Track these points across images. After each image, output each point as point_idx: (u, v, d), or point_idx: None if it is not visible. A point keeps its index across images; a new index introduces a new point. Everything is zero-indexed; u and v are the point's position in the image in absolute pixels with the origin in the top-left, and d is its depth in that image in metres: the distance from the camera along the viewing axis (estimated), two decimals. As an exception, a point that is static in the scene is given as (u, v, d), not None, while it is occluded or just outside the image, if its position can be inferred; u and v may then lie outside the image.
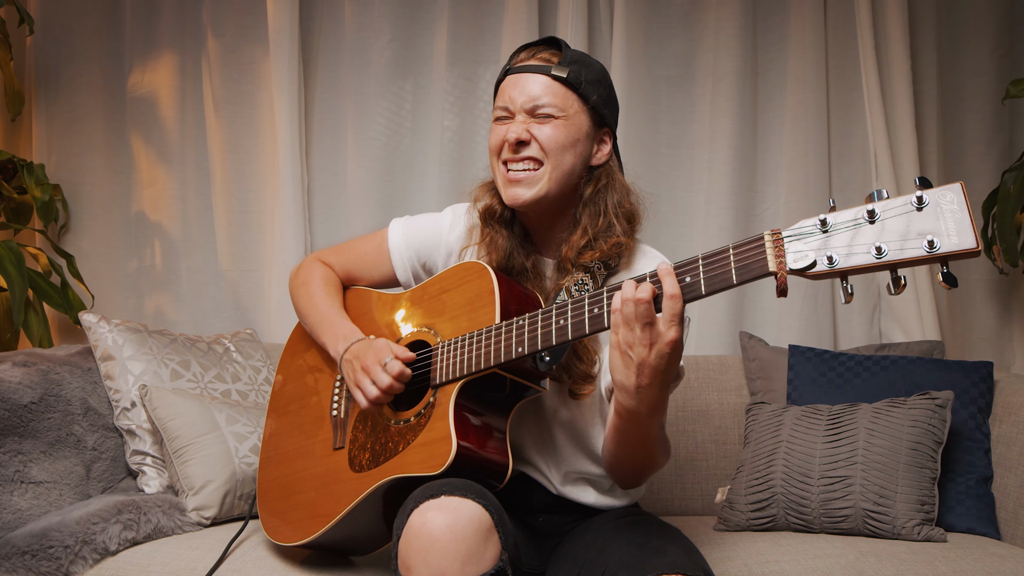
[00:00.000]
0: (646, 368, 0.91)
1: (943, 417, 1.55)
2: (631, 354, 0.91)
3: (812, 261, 0.81)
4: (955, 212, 0.75)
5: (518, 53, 1.26)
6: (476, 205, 1.30)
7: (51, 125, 2.27)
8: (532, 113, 1.20)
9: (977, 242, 0.74)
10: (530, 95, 1.20)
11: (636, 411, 0.96)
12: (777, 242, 0.84)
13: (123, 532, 1.40)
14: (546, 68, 1.20)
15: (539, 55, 1.24)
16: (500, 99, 1.24)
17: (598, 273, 1.21)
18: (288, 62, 2.17)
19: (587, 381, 1.19)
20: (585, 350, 1.19)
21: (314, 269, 1.41)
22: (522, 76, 1.22)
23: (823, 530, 1.52)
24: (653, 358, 0.90)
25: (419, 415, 1.14)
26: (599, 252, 1.19)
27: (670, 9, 2.23)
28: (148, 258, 2.31)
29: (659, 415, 0.99)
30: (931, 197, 0.77)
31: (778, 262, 0.83)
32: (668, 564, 0.97)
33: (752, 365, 1.90)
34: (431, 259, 1.36)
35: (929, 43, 2.17)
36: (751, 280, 0.86)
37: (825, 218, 0.82)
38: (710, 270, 0.88)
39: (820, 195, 2.15)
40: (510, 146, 1.20)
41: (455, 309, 1.19)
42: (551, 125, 1.19)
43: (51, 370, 1.63)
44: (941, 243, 0.75)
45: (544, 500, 1.25)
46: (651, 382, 0.92)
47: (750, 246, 0.86)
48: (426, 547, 0.91)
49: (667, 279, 0.89)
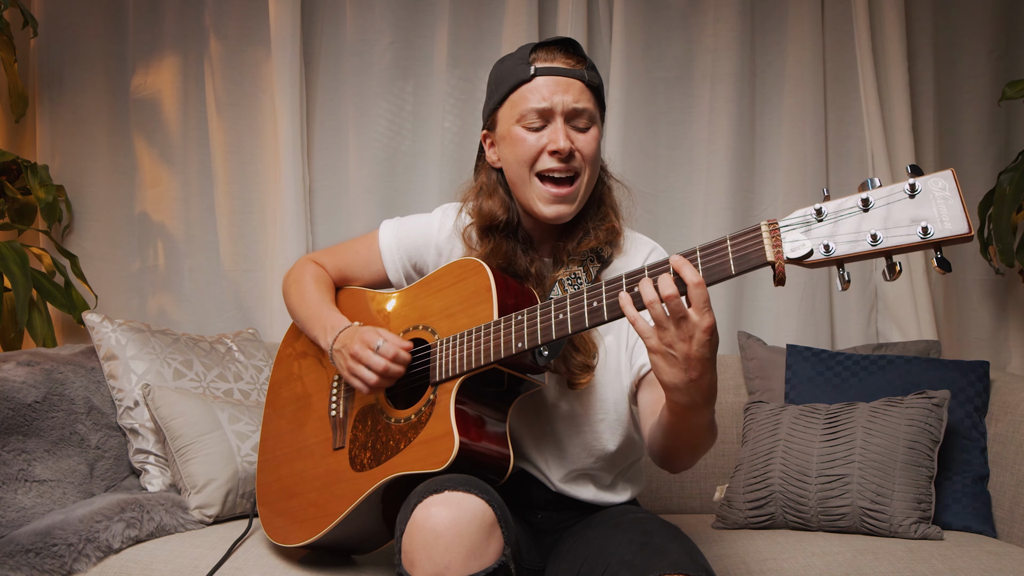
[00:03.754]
0: (692, 361, 0.90)
1: (940, 416, 1.56)
2: (674, 352, 0.91)
3: (809, 250, 0.82)
4: (947, 198, 0.76)
5: (534, 52, 1.18)
6: (466, 206, 1.28)
7: (55, 126, 2.29)
8: (570, 118, 1.15)
9: (970, 227, 0.75)
10: (573, 97, 1.15)
11: (693, 404, 0.95)
12: (774, 232, 0.84)
13: (126, 530, 1.41)
14: (580, 73, 1.16)
15: (561, 58, 1.18)
16: (531, 101, 1.16)
17: (591, 266, 1.20)
18: (290, 64, 2.18)
19: (585, 371, 1.18)
20: (583, 340, 1.18)
21: (306, 269, 1.40)
22: (559, 79, 1.15)
23: (821, 528, 1.53)
24: (696, 349, 0.90)
25: (419, 412, 1.14)
26: (594, 240, 1.20)
27: (669, 11, 2.24)
28: (151, 258, 2.32)
29: (713, 400, 0.98)
30: (923, 184, 0.78)
31: (775, 251, 0.84)
32: (670, 564, 0.96)
33: (750, 364, 1.91)
34: (422, 260, 1.35)
35: (926, 45, 2.18)
36: (749, 270, 0.86)
37: (820, 207, 0.82)
38: (708, 261, 0.89)
39: (817, 196, 2.16)
40: (557, 156, 1.14)
41: (452, 306, 1.18)
42: (590, 134, 1.16)
43: (55, 369, 1.64)
44: (934, 229, 0.76)
45: (543, 497, 1.26)
46: (701, 373, 0.91)
47: (747, 236, 0.86)
48: (430, 542, 0.91)
49: (685, 268, 0.89)
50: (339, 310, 1.34)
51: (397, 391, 1.25)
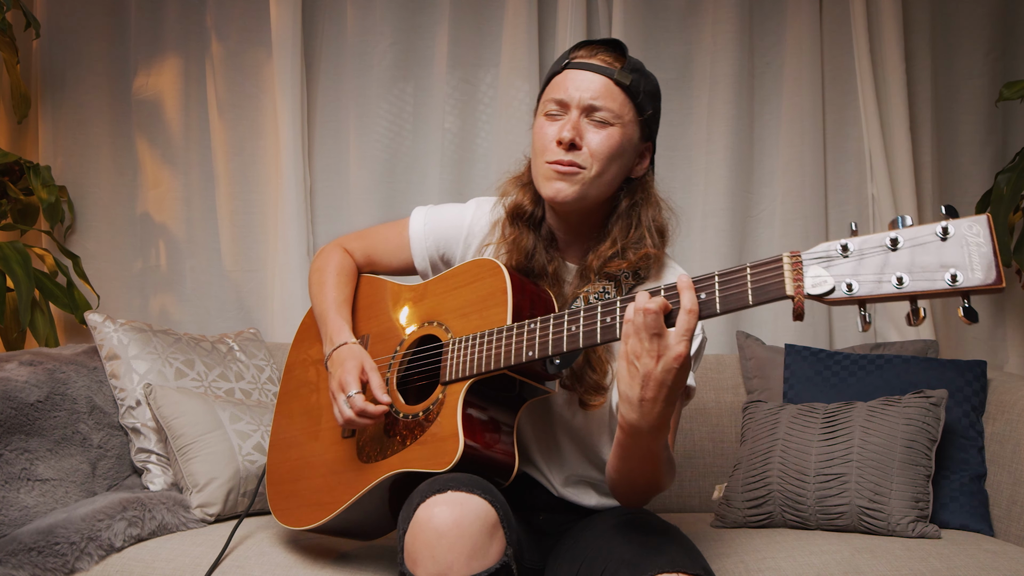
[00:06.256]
0: (651, 380, 0.89)
1: (937, 415, 1.56)
2: (637, 364, 0.90)
3: (831, 287, 0.79)
4: (980, 245, 0.73)
5: (577, 49, 1.19)
6: (503, 200, 1.26)
7: (57, 127, 2.29)
8: (588, 113, 1.15)
9: (1000, 278, 0.72)
10: (592, 93, 1.14)
11: (638, 426, 0.94)
12: (796, 265, 0.81)
13: (128, 529, 1.41)
14: (610, 71, 1.15)
15: (601, 55, 1.17)
16: (554, 92, 1.17)
17: (624, 283, 1.18)
18: (291, 65, 2.19)
19: (598, 392, 1.17)
20: (599, 360, 1.17)
21: (332, 258, 1.38)
22: (584, 73, 1.15)
23: (819, 527, 1.53)
24: (659, 371, 0.89)
25: (427, 411, 1.14)
26: (627, 263, 1.17)
27: (668, 13, 2.25)
28: (153, 258, 2.33)
29: (662, 433, 0.96)
30: (956, 228, 0.74)
31: (796, 286, 0.81)
32: (669, 562, 0.96)
33: (749, 364, 1.92)
34: (450, 250, 1.34)
35: (924, 46, 2.19)
36: (767, 302, 0.84)
37: (847, 243, 0.79)
38: (726, 289, 0.87)
39: (816, 196, 2.17)
40: (562, 146, 1.14)
41: (467, 306, 1.18)
42: (606, 132, 1.15)
43: (57, 369, 1.65)
44: (964, 277, 0.73)
45: (545, 500, 1.26)
46: (655, 395, 0.90)
47: (768, 267, 0.84)
48: (432, 541, 0.91)
49: (686, 293, 0.88)
50: (357, 299, 1.33)
51: (409, 385, 1.25)
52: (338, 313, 1.30)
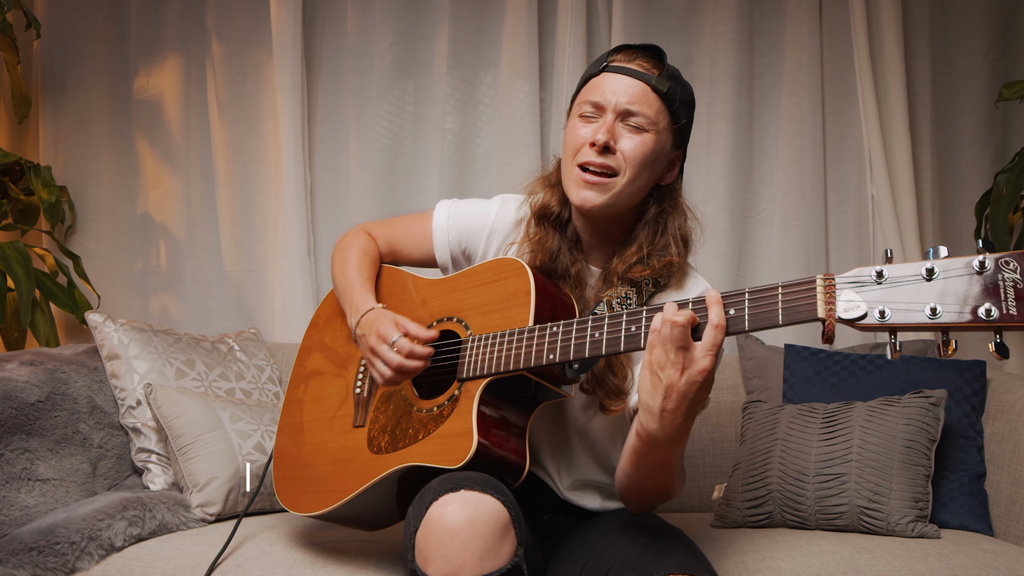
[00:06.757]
0: (674, 392, 0.90)
1: (937, 415, 1.57)
2: (661, 375, 0.90)
3: (863, 312, 0.79)
4: (1016, 281, 0.74)
5: (615, 53, 1.19)
6: (530, 199, 1.26)
7: (57, 127, 2.30)
8: (623, 117, 1.14)
9: None
10: (629, 98, 1.13)
11: (656, 436, 0.94)
12: (829, 288, 0.81)
13: (128, 528, 1.42)
14: (648, 77, 1.14)
15: (639, 60, 1.17)
16: (590, 94, 1.17)
17: (645, 289, 1.18)
18: (291, 65, 2.19)
19: (619, 397, 1.16)
20: (620, 365, 1.17)
21: (356, 239, 1.38)
22: (622, 77, 1.15)
23: (818, 527, 1.53)
24: (683, 383, 0.89)
25: (442, 406, 1.13)
26: (650, 269, 1.17)
27: (667, 13, 2.25)
28: (153, 258, 2.33)
29: (679, 444, 0.96)
30: (992, 263, 0.75)
31: (827, 309, 0.81)
32: (674, 564, 0.97)
33: (748, 364, 1.92)
34: (471, 246, 1.33)
35: (923, 46, 2.19)
36: (797, 323, 0.84)
37: (882, 270, 0.79)
38: (756, 307, 0.87)
39: (816, 196, 2.17)
40: (596, 149, 1.13)
41: (488, 304, 1.17)
42: (640, 138, 1.14)
43: (58, 369, 1.65)
44: (997, 312, 0.73)
45: (549, 501, 1.26)
46: (676, 407, 0.91)
47: (800, 288, 0.84)
48: (445, 540, 0.91)
49: (714, 308, 0.88)
50: (379, 288, 1.33)
51: (423, 378, 1.24)
52: (363, 287, 1.29)
